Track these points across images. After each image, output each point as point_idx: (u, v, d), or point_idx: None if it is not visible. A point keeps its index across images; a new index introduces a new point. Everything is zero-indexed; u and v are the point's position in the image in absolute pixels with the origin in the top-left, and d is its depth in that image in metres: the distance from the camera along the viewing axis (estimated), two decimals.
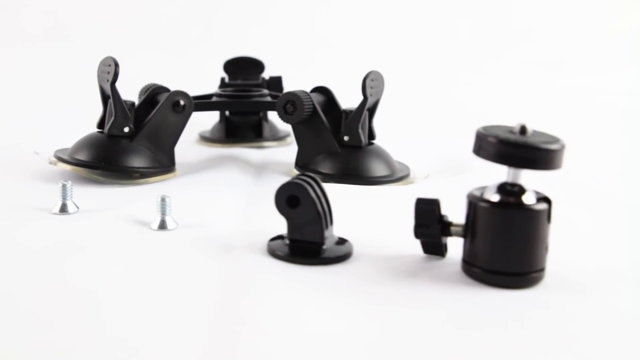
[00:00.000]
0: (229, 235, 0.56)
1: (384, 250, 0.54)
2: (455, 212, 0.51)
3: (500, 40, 1.28)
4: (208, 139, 0.87)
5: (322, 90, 0.74)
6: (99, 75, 0.70)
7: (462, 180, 0.71)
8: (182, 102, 0.69)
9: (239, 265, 0.51)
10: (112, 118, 0.68)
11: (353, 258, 0.52)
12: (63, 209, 0.59)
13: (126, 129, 0.68)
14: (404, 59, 1.24)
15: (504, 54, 1.26)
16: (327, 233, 0.52)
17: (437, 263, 0.52)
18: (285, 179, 0.71)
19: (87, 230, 0.56)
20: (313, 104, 0.70)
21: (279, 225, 0.54)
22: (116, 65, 0.67)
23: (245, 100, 0.78)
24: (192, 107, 0.70)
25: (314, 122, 0.70)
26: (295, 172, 0.72)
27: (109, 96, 0.69)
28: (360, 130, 0.71)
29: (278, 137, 0.88)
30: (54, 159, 0.69)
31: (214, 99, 0.79)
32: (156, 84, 0.75)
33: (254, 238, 0.55)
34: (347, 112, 0.71)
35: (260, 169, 0.76)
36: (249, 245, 0.54)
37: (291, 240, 0.52)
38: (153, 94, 0.73)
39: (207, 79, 1.02)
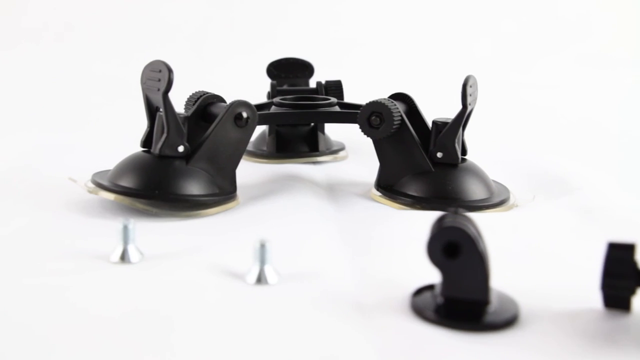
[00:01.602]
0: (350, 288, 0.44)
1: (548, 303, 0.42)
2: (581, 244, 0.41)
3: (544, 37, 1.19)
4: (254, 153, 0.74)
5: (402, 98, 0.63)
6: (143, 83, 0.57)
7: (573, 203, 0.60)
8: (245, 115, 0.58)
9: (387, 335, 0.39)
10: (165, 135, 0.55)
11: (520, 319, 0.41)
12: (124, 257, 0.46)
13: (181, 148, 0.56)
14: (444, 58, 1.14)
15: (550, 53, 1.17)
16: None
17: (628, 321, 0.40)
18: (368, 202, 0.61)
19: (166, 290, 0.43)
20: (401, 115, 0.60)
21: (402, 269, 0.44)
22: (169, 71, 0.54)
23: (318, 112, 0.64)
24: (256, 120, 0.58)
25: (402, 136, 0.59)
26: (376, 193, 0.60)
27: (158, 108, 0.57)
28: (457, 146, 0.61)
29: (333, 151, 0.76)
30: (93, 186, 0.56)
31: (274, 109, 0.66)
32: (207, 92, 0.62)
33: (384, 291, 0.43)
34: (439, 124, 0.60)
35: (331, 190, 0.64)
36: (384, 301, 0.42)
37: (447, 298, 0.40)
38: (204, 105, 0.61)
39: (232, 81, 0.91)
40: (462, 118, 0.59)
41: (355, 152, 0.79)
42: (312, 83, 0.79)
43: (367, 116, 0.58)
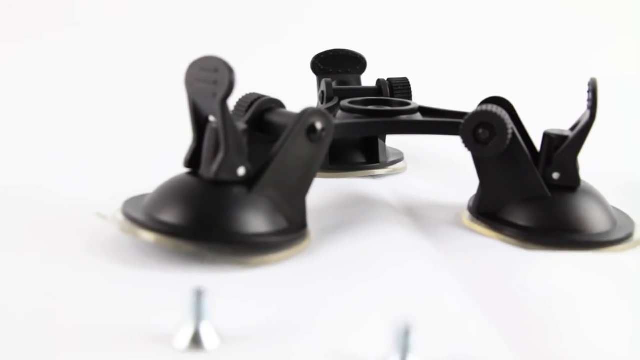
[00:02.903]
0: None
1: None
2: None
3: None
4: None
5: (499, 104, 0.52)
6: (190, 85, 0.44)
7: None
8: (320, 127, 0.45)
9: None
10: (222, 154, 0.42)
11: None
12: (197, 342, 0.33)
13: (242, 171, 0.43)
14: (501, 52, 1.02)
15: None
16: None
17: None
18: (470, 235, 0.47)
19: None
20: (513, 128, 0.47)
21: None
22: (230, 71, 0.41)
23: (408, 121, 0.51)
24: (332, 132, 0.45)
25: (512, 153, 0.47)
26: (475, 222, 0.48)
27: (207, 119, 0.45)
28: (578, 165, 0.50)
29: (392, 162, 0.63)
30: (128, 225, 0.42)
31: (341, 115, 0.53)
32: (261, 95, 0.50)
33: None
34: (554, 137, 0.48)
35: (414, 217, 0.51)
36: None
37: None
38: (261, 112, 0.49)
39: (262, 76, 0.79)
40: (589, 131, 0.48)
41: (412, 161, 0.68)
42: (365, 79, 0.68)
43: (473, 128, 0.46)
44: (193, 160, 0.45)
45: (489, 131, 0.45)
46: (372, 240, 0.45)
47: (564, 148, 0.47)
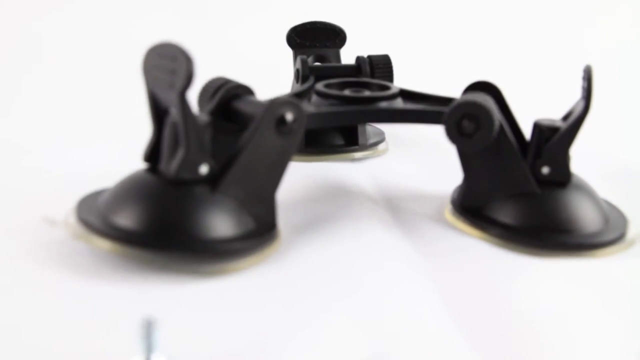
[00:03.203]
0: None
1: None
2: None
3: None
4: None
5: (486, 89, 0.47)
6: (147, 73, 0.40)
7: None
8: (290, 118, 0.41)
9: None
10: (183, 151, 0.39)
11: None
12: None
13: (204, 169, 0.39)
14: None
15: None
16: None
17: None
18: (454, 235, 0.43)
19: None
20: (500, 120, 0.43)
21: None
22: (188, 61, 0.37)
23: (388, 110, 0.47)
24: (304, 123, 0.42)
25: (499, 146, 0.43)
26: (459, 218, 0.45)
27: (167, 110, 0.40)
28: (569, 159, 0.46)
29: (372, 143, 0.59)
30: (81, 231, 0.38)
31: (316, 100, 0.48)
32: (228, 80, 0.46)
33: None
34: (544, 129, 0.44)
35: (393, 210, 0.47)
36: None
37: None
38: (227, 99, 0.45)
39: (236, 50, 0.74)
40: (582, 123, 0.44)
41: (394, 142, 0.64)
42: (344, 54, 0.64)
43: (457, 119, 0.42)
44: (153, 155, 0.41)
45: (474, 123, 0.42)
46: (347, 243, 0.42)
47: (555, 141, 0.44)
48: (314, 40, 0.61)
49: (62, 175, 0.50)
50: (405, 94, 0.50)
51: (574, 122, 0.43)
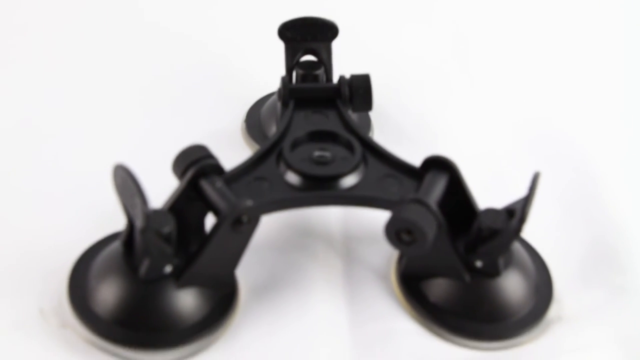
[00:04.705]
0: None
1: None
2: None
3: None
4: (257, 139, 0.62)
5: (442, 166, 0.50)
6: (118, 187, 0.45)
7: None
8: (245, 219, 0.46)
9: None
10: (147, 262, 0.45)
11: None
12: None
13: (168, 269, 0.46)
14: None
15: None
16: None
17: None
18: (389, 302, 0.49)
19: None
20: (439, 226, 0.47)
21: None
22: (143, 203, 0.42)
23: (342, 195, 0.49)
24: (259, 221, 0.47)
25: (436, 242, 0.47)
26: (395, 278, 0.50)
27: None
28: (502, 259, 0.49)
29: None
30: (74, 326, 0.46)
31: (280, 171, 0.50)
32: (198, 155, 0.49)
33: None
34: (483, 228, 0.47)
35: (348, 260, 0.53)
36: None
37: None
38: (196, 178, 0.48)
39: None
40: (519, 232, 0.48)
41: (379, 124, 0.67)
42: (335, 45, 0.64)
43: (394, 232, 0.45)
44: (129, 241, 0.47)
45: (410, 236, 0.46)
46: (290, 325, 0.48)
47: (493, 244, 0.48)
48: (305, 34, 0.61)
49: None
50: (372, 149, 0.53)
51: (511, 233, 0.47)
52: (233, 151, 0.60)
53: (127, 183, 0.44)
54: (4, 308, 0.48)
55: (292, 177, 0.50)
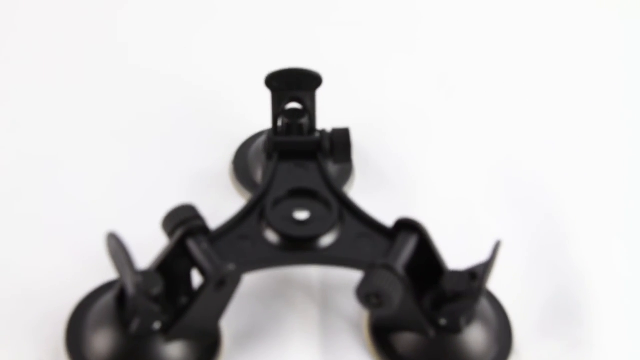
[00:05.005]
0: None
1: None
2: None
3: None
4: (246, 185, 0.66)
5: (412, 228, 0.54)
6: (110, 252, 0.49)
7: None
8: (228, 281, 0.50)
9: None
10: (137, 323, 0.49)
11: None
12: None
13: (157, 325, 0.50)
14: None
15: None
16: None
17: None
18: (359, 352, 0.54)
19: None
20: (405, 289, 0.51)
21: None
22: (132, 271, 0.46)
23: (320, 256, 0.54)
24: (240, 281, 0.51)
25: (403, 301, 0.51)
26: (366, 330, 0.55)
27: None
28: (464, 317, 0.54)
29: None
30: None
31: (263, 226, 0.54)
32: (186, 216, 0.52)
33: None
34: (448, 291, 0.51)
35: (325, 310, 0.57)
36: None
37: None
38: (183, 238, 0.52)
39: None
40: (479, 298, 0.51)
41: (361, 167, 0.70)
42: (320, 94, 0.67)
43: (363, 295, 0.49)
44: (121, 297, 0.51)
45: (377, 299, 0.49)
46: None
47: (454, 306, 0.52)
48: (290, 84, 0.64)
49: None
50: (347, 207, 0.57)
51: (472, 300, 0.51)
52: (219, 192, 0.65)
53: (118, 252, 0.48)
54: (5, 354, 0.52)
55: (273, 237, 0.55)
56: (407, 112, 0.76)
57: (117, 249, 0.48)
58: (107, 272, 0.54)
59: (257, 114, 0.69)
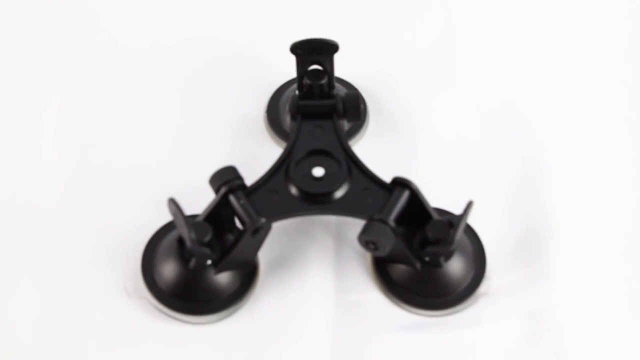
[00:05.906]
0: None
1: None
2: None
3: None
4: (276, 129, 0.80)
5: (404, 185, 0.67)
6: (171, 213, 0.65)
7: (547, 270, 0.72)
8: (261, 229, 0.66)
9: None
10: (194, 260, 0.66)
11: None
12: None
13: (208, 262, 0.67)
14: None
15: None
16: None
17: None
18: (367, 288, 0.71)
19: None
20: (395, 236, 0.66)
21: None
22: (189, 228, 0.62)
23: (334, 208, 0.68)
24: (270, 228, 0.67)
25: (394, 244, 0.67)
26: (371, 265, 0.69)
27: None
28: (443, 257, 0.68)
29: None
30: (152, 298, 0.67)
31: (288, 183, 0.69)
32: (228, 177, 0.67)
33: None
34: (431, 236, 0.66)
35: (339, 242, 0.72)
36: None
37: None
38: (226, 194, 0.67)
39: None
40: (454, 243, 0.65)
41: (374, 112, 0.82)
42: (337, 58, 0.77)
43: (363, 241, 0.65)
44: (181, 239, 0.67)
45: (374, 245, 0.65)
46: (294, 292, 0.69)
47: (435, 248, 0.66)
48: (312, 50, 0.75)
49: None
50: (355, 163, 0.70)
51: (447, 243, 0.65)
52: (255, 139, 0.80)
53: (176, 213, 0.63)
54: (98, 279, 0.70)
55: (295, 191, 0.70)
56: (418, 60, 0.86)
57: (176, 210, 0.63)
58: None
59: (288, 62, 0.80)
